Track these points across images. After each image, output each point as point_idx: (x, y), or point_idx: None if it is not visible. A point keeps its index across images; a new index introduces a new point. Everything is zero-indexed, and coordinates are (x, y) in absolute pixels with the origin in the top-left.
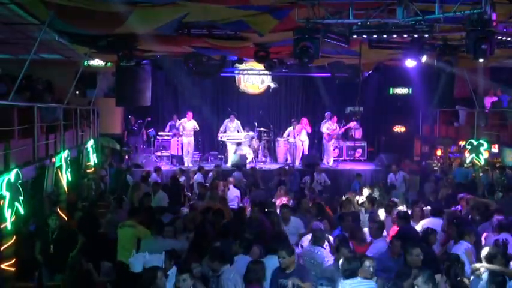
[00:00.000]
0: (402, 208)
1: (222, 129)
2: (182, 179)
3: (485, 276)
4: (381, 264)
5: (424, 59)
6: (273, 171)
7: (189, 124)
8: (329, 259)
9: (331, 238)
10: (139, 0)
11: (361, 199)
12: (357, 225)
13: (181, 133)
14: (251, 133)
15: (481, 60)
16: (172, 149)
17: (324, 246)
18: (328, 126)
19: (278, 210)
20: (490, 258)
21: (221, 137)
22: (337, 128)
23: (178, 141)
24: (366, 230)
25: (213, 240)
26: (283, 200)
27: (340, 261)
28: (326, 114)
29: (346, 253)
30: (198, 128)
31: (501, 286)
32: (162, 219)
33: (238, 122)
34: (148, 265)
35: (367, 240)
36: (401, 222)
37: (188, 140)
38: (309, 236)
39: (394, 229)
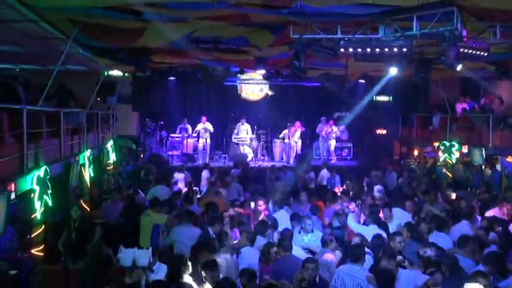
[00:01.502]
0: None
1: (235, 131)
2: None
3: None
4: None
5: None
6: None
7: (200, 126)
8: None
9: None
10: (154, 18)
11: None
12: None
13: (201, 135)
14: (252, 135)
15: (455, 70)
16: (183, 149)
17: None
18: (326, 129)
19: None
20: None
21: (234, 138)
22: (331, 129)
23: (188, 142)
24: None
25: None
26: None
27: None
28: (322, 118)
29: None
30: (212, 130)
31: None
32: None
33: (248, 125)
34: (138, 260)
35: None
36: None
37: (203, 141)
38: None
39: None
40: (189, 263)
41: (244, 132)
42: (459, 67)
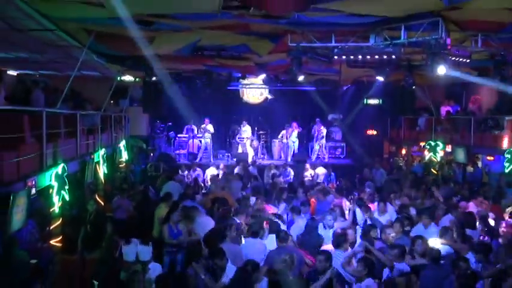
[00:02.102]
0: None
1: (238, 132)
2: (196, 171)
3: None
4: None
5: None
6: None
7: (203, 127)
8: None
9: None
10: (163, 27)
11: None
12: None
13: (202, 135)
14: (252, 136)
15: (438, 75)
16: (189, 148)
17: None
18: (318, 130)
19: None
20: None
21: (238, 139)
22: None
23: (194, 142)
24: None
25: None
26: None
27: None
28: (317, 120)
29: None
30: (212, 131)
31: None
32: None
33: (249, 127)
34: (140, 255)
35: None
36: None
37: (206, 141)
38: None
39: None
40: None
41: (245, 133)
42: (441, 70)
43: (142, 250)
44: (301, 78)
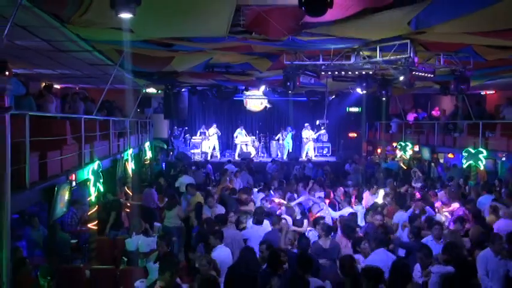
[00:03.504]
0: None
1: (235, 135)
2: (209, 166)
3: None
4: None
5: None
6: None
7: (212, 131)
8: None
9: None
10: (180, 49)
11: None
12: None
13: (209, 137)
14: (253, 137)
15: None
16: (201, 148)
17: None
18: (308, 133)
19: None
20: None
21: (241, 142)
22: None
23: (205, 143)
24: None
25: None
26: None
27: None
28: (305, 124)
29: None
30: (220, 133)
31: None
32: None
33: (244, 130)
34: (140, 247)
35: None
36: None
37: (214, 142)
38: None
39: None
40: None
41: (243, 135)
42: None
43: (143, 243)
44: (294, 90)
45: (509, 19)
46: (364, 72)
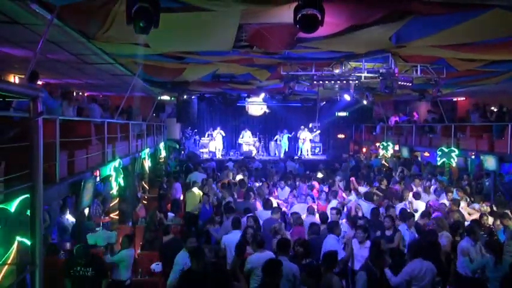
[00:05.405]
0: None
1: (241, 136)
2: (213, 163)
3: None
4: None
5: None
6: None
7: (216, 132)
8: None
9: None
10: (191, 61)
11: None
12: None
13: (215, 138)
14: (255, 138)
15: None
16: (209, 148)
17: None
18: (305, 134)
19: None
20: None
21: (244, 143)
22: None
23: (212, 143)
24: None
25: None
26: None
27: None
28: (301, 127)
29: None
30: (224, 135)
31: None
32: None
33: (250, 132)
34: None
35: None
36: None
37: (219, 142)
38: None
39: None
40: None
41: (247, 136)
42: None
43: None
44: (290, 97)
45: (474, 36)
46: (351, 82)
